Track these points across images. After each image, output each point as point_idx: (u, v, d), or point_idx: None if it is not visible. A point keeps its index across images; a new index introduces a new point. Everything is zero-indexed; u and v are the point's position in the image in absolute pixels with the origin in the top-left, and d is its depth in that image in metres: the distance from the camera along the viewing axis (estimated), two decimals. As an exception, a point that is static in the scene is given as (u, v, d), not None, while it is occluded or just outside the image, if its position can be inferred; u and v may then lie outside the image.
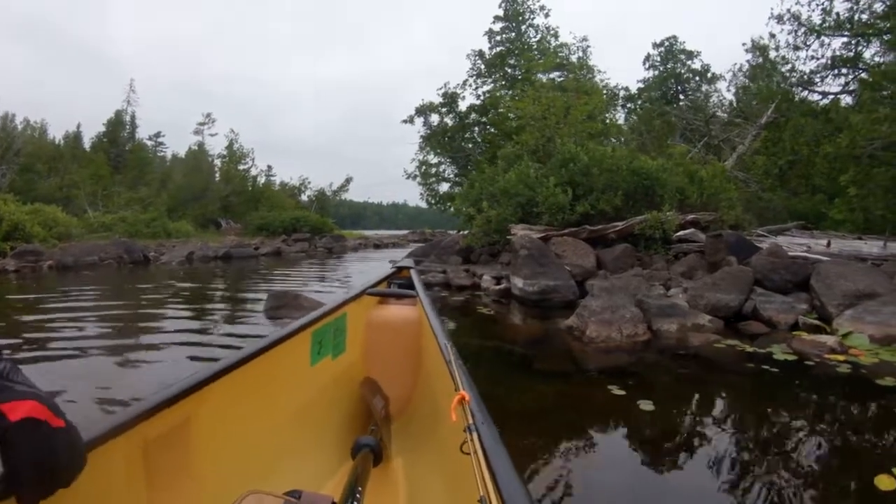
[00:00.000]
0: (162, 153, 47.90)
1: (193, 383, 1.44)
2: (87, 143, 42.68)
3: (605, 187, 9.33)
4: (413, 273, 3.11)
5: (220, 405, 1.56)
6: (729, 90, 21.94)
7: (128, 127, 44.70)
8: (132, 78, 66.25)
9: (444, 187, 21.21)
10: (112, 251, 16.30)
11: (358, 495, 1.38)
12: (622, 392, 3.63)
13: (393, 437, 2.19)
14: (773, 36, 18.45)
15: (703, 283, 6.63)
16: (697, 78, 24.16)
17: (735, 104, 19.70)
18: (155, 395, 1.33)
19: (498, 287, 8.35)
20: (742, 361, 4.59)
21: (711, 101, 20.51)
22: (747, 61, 21.74)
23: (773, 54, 18.91)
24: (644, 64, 26.25)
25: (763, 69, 19.02)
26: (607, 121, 14.16)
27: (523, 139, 11.60)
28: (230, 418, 1.63)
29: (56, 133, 42.12)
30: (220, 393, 1.54)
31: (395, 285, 3.03)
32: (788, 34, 18.25)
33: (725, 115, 18.33)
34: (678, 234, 9.03)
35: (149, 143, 46.70)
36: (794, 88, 17.54)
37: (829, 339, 5.08)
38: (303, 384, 2.10)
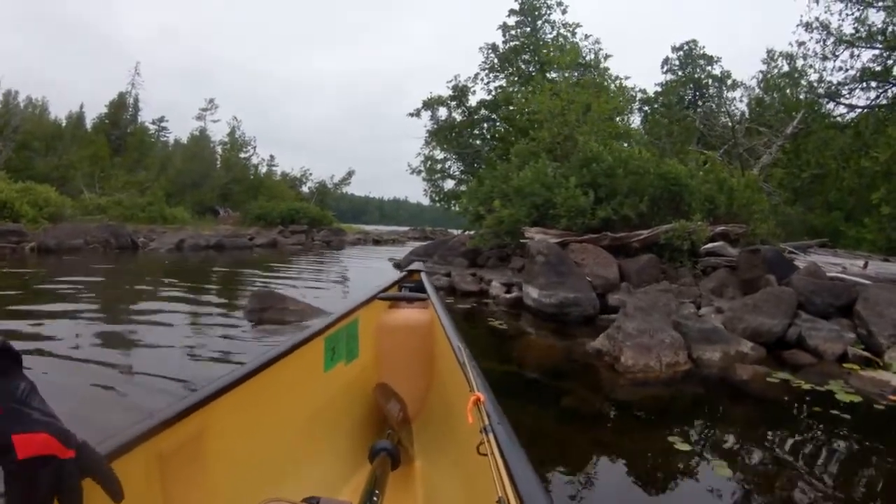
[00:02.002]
0: (165, 138, 47.04)
1: (208, 394, 1.40)
2: (89, 125, 41.81)
3: (629, 191, 8.51)
4: (424, 276, 3.04)
5: (235, 415, 1.52)
6: (741, 101, 21.25)
7: (130, 109, 43.96)
8: (138, 61, 65.42)
9: (448, 184, 20.36)
10: (99, 235, 15.60)
11: (376, 499, 1.36)
12: (687, 447, 2.85)
13: (410, 441, 2.13)
14: (801, 44, 17.77)
15: (742, 304, 5.84)
16: (717, 84, 23.41)
17: (747, 115, 18.94)
18: (169, 407, 1.29)
19: (508, 295, 7.55)
20: (803, 402, 3.88)
21: (726, 108, 19.66)
22: (761, 72, 21.12)
23: (799, 63, 18.21)
24: (662, 67, 25.45)
25: (790, 78, 18.27)
26: (619, 122, 13.26)
27: (540, 135, 10.75)
28: (245, 427, 1.60)
29: (60, 113, 41.33)
30: (234, 402, 1.50)
31: (406, 289, 2.97)
32: (816, 43, 17.60)
33: (742, 125, 17.51)
34: (706, 246, 8.23)
35: (152, 127, 45.87)
36: (821, 100, 16.79)
37: (893, 378, 4.40)
38: (317, 390, 2.07)
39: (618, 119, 12.61)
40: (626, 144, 11.80)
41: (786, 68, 18.74)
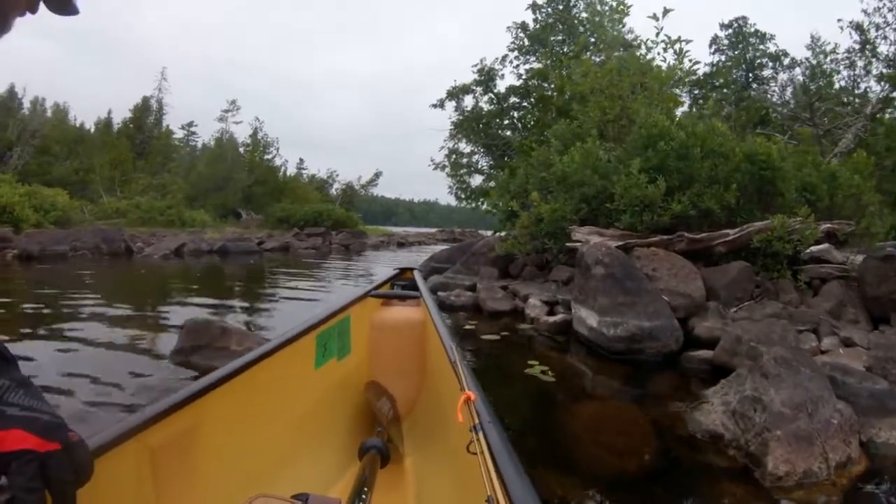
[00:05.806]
0: (194, 143, 47.26)
1: (199, 389, 1.39)
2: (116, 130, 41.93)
3: (710, 178, 6.52)
4: (416, 274, 2.96)
5: (226, 410, 1.50)
6: (788, 86, 19.22)
7: (154, 113, 43.81)
8: (164, 66, 65.54)
9: (476, 180, 18.32)
10: (88, 240, 14.26)
11: (365, 496, 1.34)
12: None
13: (400, 439, 2.07)
14: (870, 13, 15.96)
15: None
16: (773, 63, 21.09)
17: (790, 103, 16.94)
18: (161, 401, 1.28)
19: (552, 318, 5.65)
20: None
21: (805, 83, 17.58)
22: (806, 59, 19.10)
23: (872, 34, 16.21)
24: (710, 47, 23.05)
25: (862, 52, 16.43)
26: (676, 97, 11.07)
27: (588, 111, 8.69)
28: (236, 423, 1.58)
29: (88, 119, 41.83)
30: (225, 398, 1.48)
31: (399, 287, 2.86)
32: (889, 11, 15.84)
33: (813, 102, 15.44)
34: (810, 249, 6.19)
35: (181, 132, 46.01)
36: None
37: None
38: (308, 387, 2.02)
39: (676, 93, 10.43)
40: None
41: (856, 39, 16.66)
